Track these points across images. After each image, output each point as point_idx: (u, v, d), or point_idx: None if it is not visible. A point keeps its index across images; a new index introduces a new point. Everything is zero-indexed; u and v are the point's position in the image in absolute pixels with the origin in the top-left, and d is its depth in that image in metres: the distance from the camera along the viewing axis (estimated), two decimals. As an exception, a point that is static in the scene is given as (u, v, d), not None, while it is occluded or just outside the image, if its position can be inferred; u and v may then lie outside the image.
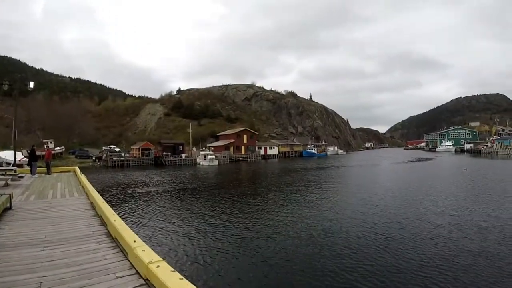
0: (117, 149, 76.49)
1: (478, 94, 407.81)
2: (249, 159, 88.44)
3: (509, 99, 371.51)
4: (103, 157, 69.52)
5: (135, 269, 4.88)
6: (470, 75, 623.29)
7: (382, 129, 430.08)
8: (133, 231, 6.22)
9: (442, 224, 16.05)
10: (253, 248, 13.01)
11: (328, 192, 28.13)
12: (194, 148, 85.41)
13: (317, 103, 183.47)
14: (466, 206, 20.74)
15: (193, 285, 3.67)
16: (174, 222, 17.14)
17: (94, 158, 71.89)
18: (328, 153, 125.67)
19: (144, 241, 5.52)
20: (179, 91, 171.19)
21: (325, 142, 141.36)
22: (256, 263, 11.53)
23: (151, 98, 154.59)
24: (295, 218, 17.90)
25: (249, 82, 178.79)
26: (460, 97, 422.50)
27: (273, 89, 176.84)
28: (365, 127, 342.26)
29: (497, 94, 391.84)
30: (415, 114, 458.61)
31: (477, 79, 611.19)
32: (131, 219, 17.60)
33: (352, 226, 15.92)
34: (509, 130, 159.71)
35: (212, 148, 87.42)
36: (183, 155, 77.79)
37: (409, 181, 35.56)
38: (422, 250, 12.28)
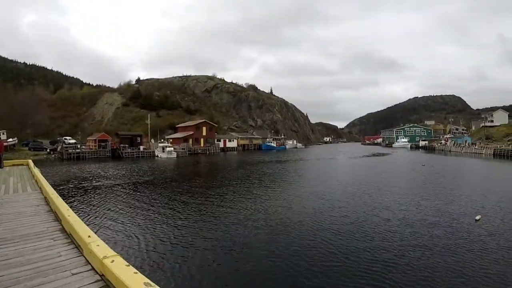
0: (72, 141, 74.19)
1: (435, 95, 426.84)
2: (208, 152, 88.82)
3: (463, 100, 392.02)
4: (58, 149, 67.33)
5: (91, 265, 4.81)
6: (428, 77, 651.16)
7: (341, 124, 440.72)
8: (88, 226, 6.24)
9: (391, 218, 16.88)
10: (209, 240, 13.36)
11: (284, 186, 28.91)
12: (152, 140, 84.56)
13: (277, 97, 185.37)
14: (418, 201, 22.00)
15: (147, 279, 3.67)
16: (130, 216, 17.22)
17: (48, 151, 69.71)
18: (287, 146, 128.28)
19: (99, 236, 5.55)
20: (138, 80, 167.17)
21: (284, 135, 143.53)
22: (212, 254, 11.86)
23: (109, 87, 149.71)
24: (250, 210, 18.51)
25: (210, 74, 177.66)
26: (417, 97, 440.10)
27: (234, 81, 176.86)
28: (324, 122, 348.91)
29: (453, 95, 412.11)
30: (373, 111, 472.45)
31: (434, 81, 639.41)
32: (86, 214, 17.44)
33: (304, 218, 16.67)
34: (462, 129, 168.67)
35: (171, 140, 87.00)
36: (141, 147, 76.76)
37: (365, 175, 37.13)
38: (370, 244, 12.97)
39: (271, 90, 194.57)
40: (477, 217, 18.02)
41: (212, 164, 56.45)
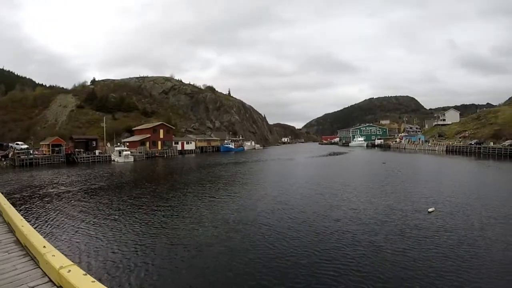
0: (24, 146, 71.62)
1: (389, 96, 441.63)
2: (165, 155, 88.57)
3: (417, 101, 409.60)
4: (10, 155, 64.76)
5: (48, 277, 4.71)
6: (383, 79, 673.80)
7: (299, 125, 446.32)
8: (43, 236, 6.27)
9: (343, 217, 17.77)
10: (166, 244, 13.80)
11: (241, 188, 29.76)
12: (108, 144, 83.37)
13: (235, 98, 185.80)
14: (372, 197, 23.53)
15: (105, 287, 3.73)
16: (86, 224, 17.15)
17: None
18: (245, 148, 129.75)
19: (55, 246, 5.57)
20: (93, 81, 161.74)
21: (242, 137, 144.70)
22: (171, 258, 12.17)
23: (63, 88, 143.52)
24: (207, 213, 19.14)
25: (167, 75, 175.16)
26: (373, 98, 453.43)
27: (191, 83, 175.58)
28: (282, 122, 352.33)
29: (407, 96, 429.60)
30: (330, 112, 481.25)
31: (389, 83, 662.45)
32: (41, 224, 17.24)
33: (259, 219, 17.55)
34: (416, 128, 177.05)
35: (127, 144, 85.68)
36: (97, 152, 75.10)
37: (323, 175, 38.69)
38: (320, 243, 13.61)
39: (229, 91, 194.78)
40: (430, 209, 19.39)
41: (170, 167, 56.61)
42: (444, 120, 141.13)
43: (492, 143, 75.75)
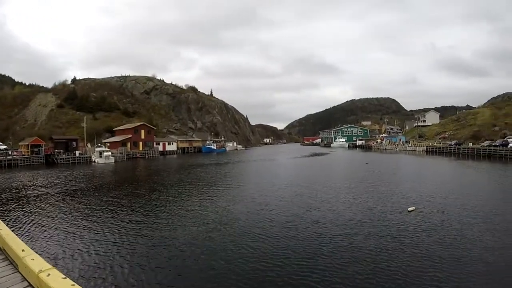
0: (3, 147, 70.21)
1: (371, 97, 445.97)
2: (147, 156, 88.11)
3: (398, 102, 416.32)
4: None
5: (27, 281, 4.63)
6: (365, 81, 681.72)
7: (281, 125, 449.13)
8: (22, 239, 6.36)
9: (322, 218, 18.00)
10: (146, 246, 13.87)
11: (223, 188, 30.21)
12: (88, 145, 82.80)
13: (217, 99, 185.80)
14: (354, 197, 24.26)
15: None
16: (65, 226, 16.98)
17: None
18: (227, 148, 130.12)
19: (34, 249, 5.56)
20: (74, 80, 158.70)
21: (224, 137, 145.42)
22: (150, 260, 12.21)
23: (43, 87, 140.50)
24: (187, 214, 19.36)
25: (150, 75, 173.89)
26: (355, 99, 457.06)
27: (174, 83, 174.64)
28: (264, 123, 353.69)
29: (388, 98, 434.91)
30: (312, 113, 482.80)
31: (370, 85, 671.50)
32: (20, 227, 16.99)
33: (240, 220, 17.85)
34: (397, 129, 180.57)
35: (108, 145, 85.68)
36: (77, 152, 74.37)
37: (304, 176, 39.38)
38: (298, 244, 13.86)
39: (211, 92, 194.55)
40: (410, 209, 19.95)
41: (151, 168, 56.38)
42: (424, 121, 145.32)
43: (471, 144, 78.73)
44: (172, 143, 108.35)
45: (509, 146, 63.41)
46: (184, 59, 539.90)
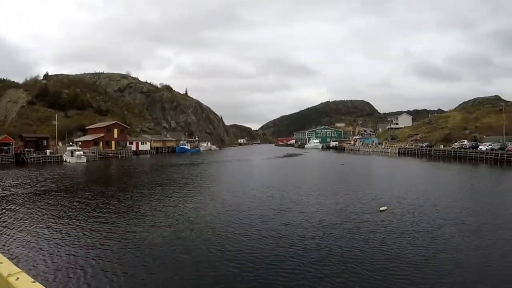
0: None
1: (345, 100, 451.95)
2: (119, 155, 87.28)
3: (371, 105, 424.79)
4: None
5: None
6: (339, 83, 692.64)
7: (255, 126, 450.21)
8: None
9: (293, 219, 18.11)
10: (118, 248, 13.76)
11: (197, 189, 30.38)
12: (60, 143, 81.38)
13: (192, 98, 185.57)
14: (326, 197, 24.65)
15: None
16: (34, 228, 16.68)
17: None
18: (201, 149, 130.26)
19: (2, 253, 5.27)
20: (46, 76, 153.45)
21: (198, 138, 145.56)
22: (122, 261, 12.22)
23: (13, 82, 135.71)
24: (161, 216, 19.32)
25: (124, 72, 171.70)
26: (329, 101, 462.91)
27: (148, 81, 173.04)
28: (239, 124, 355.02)
29: (362, 100, 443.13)
30: (287, 114, 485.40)
31: (345, 87, 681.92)
32: None
33: (209, 221, 17.94)
34: (370, 131, 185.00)
35: (80, 144, 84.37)
36: (48, 151, 72.69)
37: (277, 177, 39.99)
38: (268, 246, 13.93)
39: (186, 91, 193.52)
40: (382, 208, 20.25)
41: (124, 168, 56.05)
42: (397, 124, 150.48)
43: (442, 146, 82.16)
44: (146, 143, 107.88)
45: (479, 149, 66.71)
46: (160, 58, 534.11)
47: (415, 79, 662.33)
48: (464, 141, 78.92)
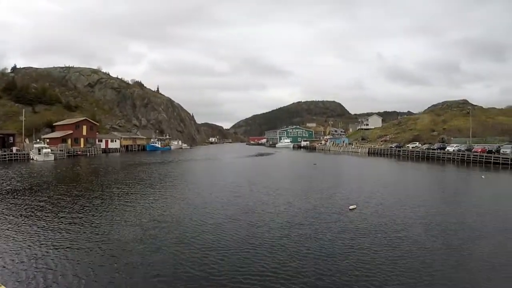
0: None
1: (317, 100, 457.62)
2: (88, 153, 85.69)
3: (343, 106, 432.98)
4: None
5: None
6: (312, 84, 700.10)
7: (227, 125, 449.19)
8: None
9: (261, 220, 18.29)
10: (87, 249, 13.64)
11: (166, 189, 30.29)
12: (27, 140, 79.39)
13: (163, 95, 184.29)
14: (296, 197, 25.01)
15: None
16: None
17: None
18: (172, 147, 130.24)
19: None
20: (14, 68, 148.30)
21: (169, 136, 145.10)
22: (91, 262, 12.21)
23: None
24: (129, 217, 19.04)
25: (95, 67, 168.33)
26: (301, 101, 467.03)
27: (120, 77, 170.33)
28: (210, 122, 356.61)
29: (333, 101, 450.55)
30: (259, 113, 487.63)
31: (317, 88, 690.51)
32: None
33: (176, 222, 17.99)
34: (341, 131, 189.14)
35: (48, 141, 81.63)
36: (14, 149, 70.28)
37: (248, 176, 40.50)
38: (234, 246, 14.03)
39: (157, 88, 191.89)
40: (351, 207, 20.73)
41: (93, 167, 55.28)
42: (367, 124, 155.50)
43: (411, 146, 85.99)
44: (115, 141, 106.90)
45: (446, 150, 70.60)
46: (132, 53, 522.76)
47: (385, 82, 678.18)
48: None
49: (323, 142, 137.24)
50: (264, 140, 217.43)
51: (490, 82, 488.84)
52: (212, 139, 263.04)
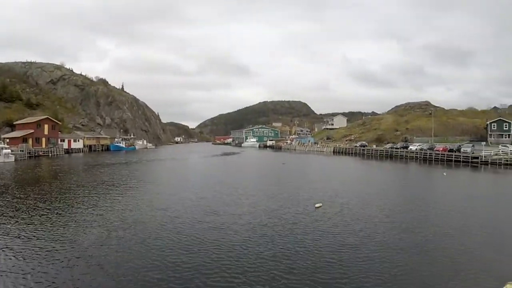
0: None
1: (283, 100, 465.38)
2: (50, 154, 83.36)
3: (308, 106, 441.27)
4: None
5: None
6: (278, 85, 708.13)
7: (192, 124, 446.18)
8: None
9: (223, 221, 18.21)
10: (47, 252, 13.45)
11: (129, 190, 29.90)
12: (-14, 140, 77.58)
13: (128, 94, 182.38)
14: (262, 196, 25.31)
15: None
16: None
17: None
18: (137, 147, 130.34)
19: None
20: None
21: (134, 135, 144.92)
22: (52, 264, 12.10)
23: None
24: (90, 220, 18.73)
25: (58, 63, 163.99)
26: (267, 101, 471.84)
27: (84, 73, 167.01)
28: (176, 122, 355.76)
29: (299, 101, 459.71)
30: (225, 113, 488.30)
31: (283, 88, 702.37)
32: None
33: (141, 223, 17.97)
34: (307, 131, 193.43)
35: (7, 141, 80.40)
36: None
37: (213, 176, 40.83)
38: (194, 249, 13.87)
39: (122, 86, 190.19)
40: (317, 205, 20.94)
41: (55, 168, 53.71)
42: (332, 124, 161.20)
43: (375, 145, 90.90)
44: (78, 140, 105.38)
45: (409, 149, 74.88)
46: (98, 49, 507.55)
47: (351, 83, 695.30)
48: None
49: (288, 141, 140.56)
50: (230, 140, 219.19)
51: (451, 86, 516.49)
52: (178, 139, 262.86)
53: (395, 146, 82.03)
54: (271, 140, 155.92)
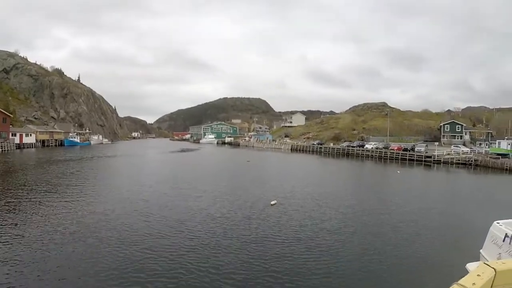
0: None
1: (243, 97, 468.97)
2: (1, 149, 79.72)
3: (268, 103, 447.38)
4: None
5: None
6: (238, 81, 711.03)
7: (150, 119, 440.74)
8: None
9: (176, 220, 17.80)
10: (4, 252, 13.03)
11: (82, 189, 28.09)
12: None
13: (84, 86, 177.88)
14: (216, 194, 25.11)
15: None
16: None
17: None
18: (92, 142, 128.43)
19: None
20: None
21: (89, 130, 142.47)
22: (8, 268, 11.62)
23: None
24: (41, 222, 17.75)
25: (12, 50, 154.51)
26: (227, 97, 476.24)
27: (38, 63, 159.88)
28: (133, 116, 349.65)
29: (259, 98, 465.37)
30: (184, 108, 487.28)
31: (243, 85, 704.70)
32: None
33: (95, 223, 17.38)
34: (265, 128, 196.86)
35: None
36: None
37: (169, 174, 40.08)
38: (147, 247, 13.66)
39: (78, 77, 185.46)
40: (272, 202, 21.14)
41: (5, 165, 49.53)
42: (291, 122, 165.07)
43: (332, 144, 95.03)
44: (31, 135, 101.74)
45: (365, 147, 79.15)
46: (54, 37, 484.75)
47: (309, 82, 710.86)
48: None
49: (247, 138, 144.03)
50: (188, 136, 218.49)
51: (406, 88, 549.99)
52: (135, 134, 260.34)
53: (351, 145, 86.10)
54: (230, 137, 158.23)
